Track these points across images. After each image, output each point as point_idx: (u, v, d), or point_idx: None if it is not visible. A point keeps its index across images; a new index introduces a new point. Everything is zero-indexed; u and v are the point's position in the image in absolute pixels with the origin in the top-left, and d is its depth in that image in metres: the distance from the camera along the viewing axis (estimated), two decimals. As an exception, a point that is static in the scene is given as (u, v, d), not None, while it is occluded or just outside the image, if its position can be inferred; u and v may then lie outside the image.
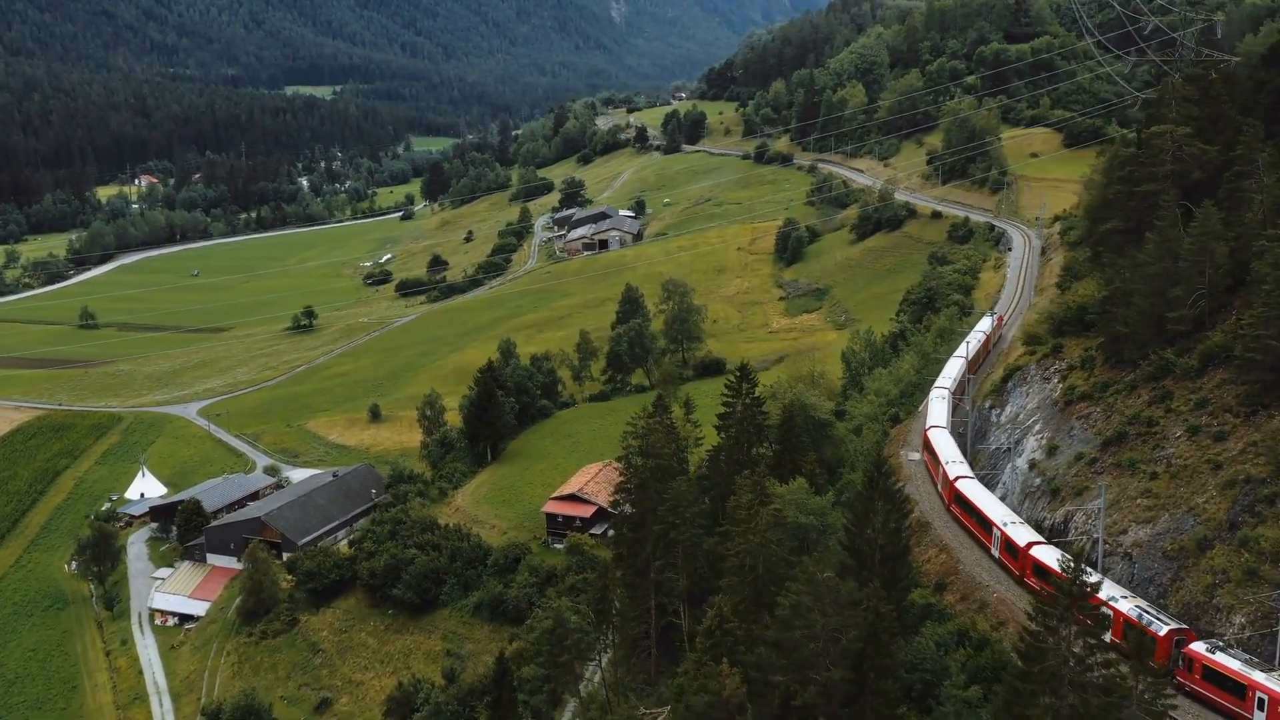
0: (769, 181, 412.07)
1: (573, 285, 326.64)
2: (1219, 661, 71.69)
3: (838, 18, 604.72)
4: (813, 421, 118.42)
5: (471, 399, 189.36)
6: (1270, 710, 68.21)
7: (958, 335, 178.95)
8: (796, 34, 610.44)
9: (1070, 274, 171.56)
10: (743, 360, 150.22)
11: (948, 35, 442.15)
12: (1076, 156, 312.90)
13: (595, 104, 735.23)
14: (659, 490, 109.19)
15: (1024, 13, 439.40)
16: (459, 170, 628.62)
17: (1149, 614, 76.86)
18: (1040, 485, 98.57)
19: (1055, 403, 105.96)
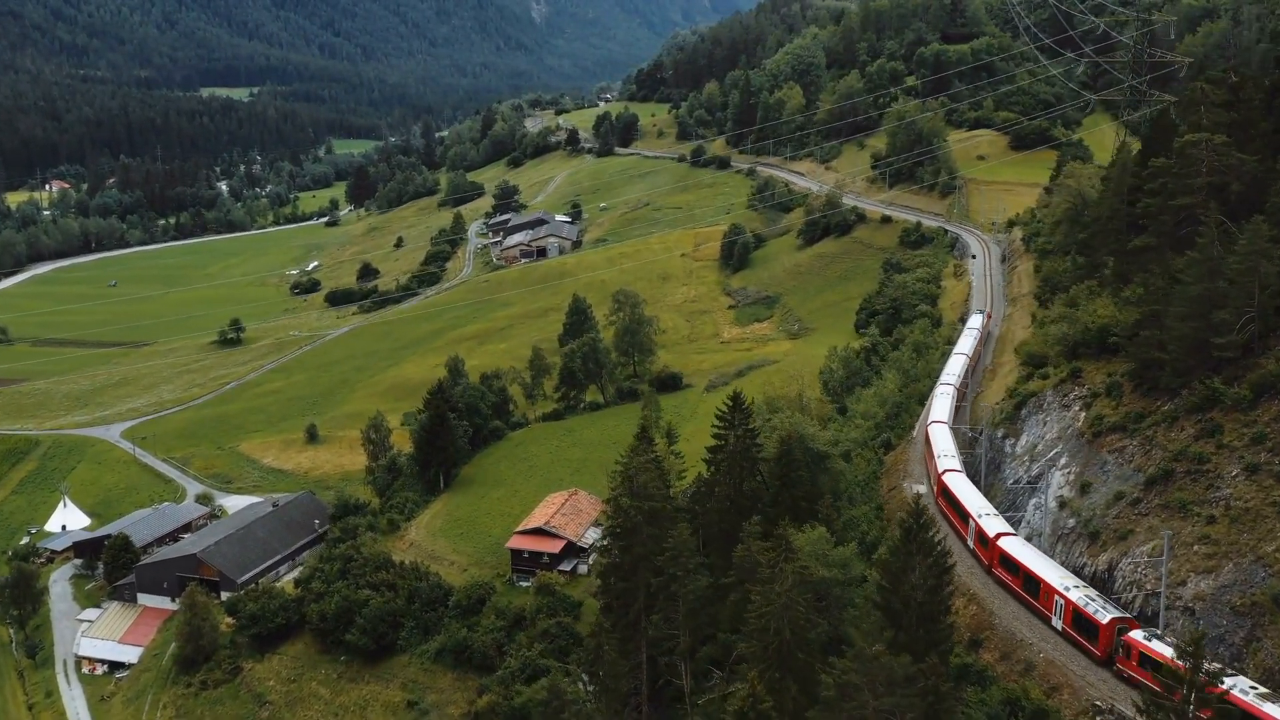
0: (708, 185, 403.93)
1: (512, 294, 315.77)
2: (1153, 648, 73.94)
3: (768, 18, 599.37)
4: (810, 454, 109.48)
5: (422, 424, 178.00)
6: None
7: (934, 349, 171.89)
8: (727, 35, 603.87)
9: (1050, 285, 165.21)
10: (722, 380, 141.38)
11: (884, 36, 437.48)
12: (1025, 159, 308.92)
13: (522, 106, 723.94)
14: (653, 536, 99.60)
15: (960, 13, 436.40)
16: (385, 174, 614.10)
17: (1095, 603, 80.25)
18: (1075, 527, 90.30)
19: (1080, 434, 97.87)
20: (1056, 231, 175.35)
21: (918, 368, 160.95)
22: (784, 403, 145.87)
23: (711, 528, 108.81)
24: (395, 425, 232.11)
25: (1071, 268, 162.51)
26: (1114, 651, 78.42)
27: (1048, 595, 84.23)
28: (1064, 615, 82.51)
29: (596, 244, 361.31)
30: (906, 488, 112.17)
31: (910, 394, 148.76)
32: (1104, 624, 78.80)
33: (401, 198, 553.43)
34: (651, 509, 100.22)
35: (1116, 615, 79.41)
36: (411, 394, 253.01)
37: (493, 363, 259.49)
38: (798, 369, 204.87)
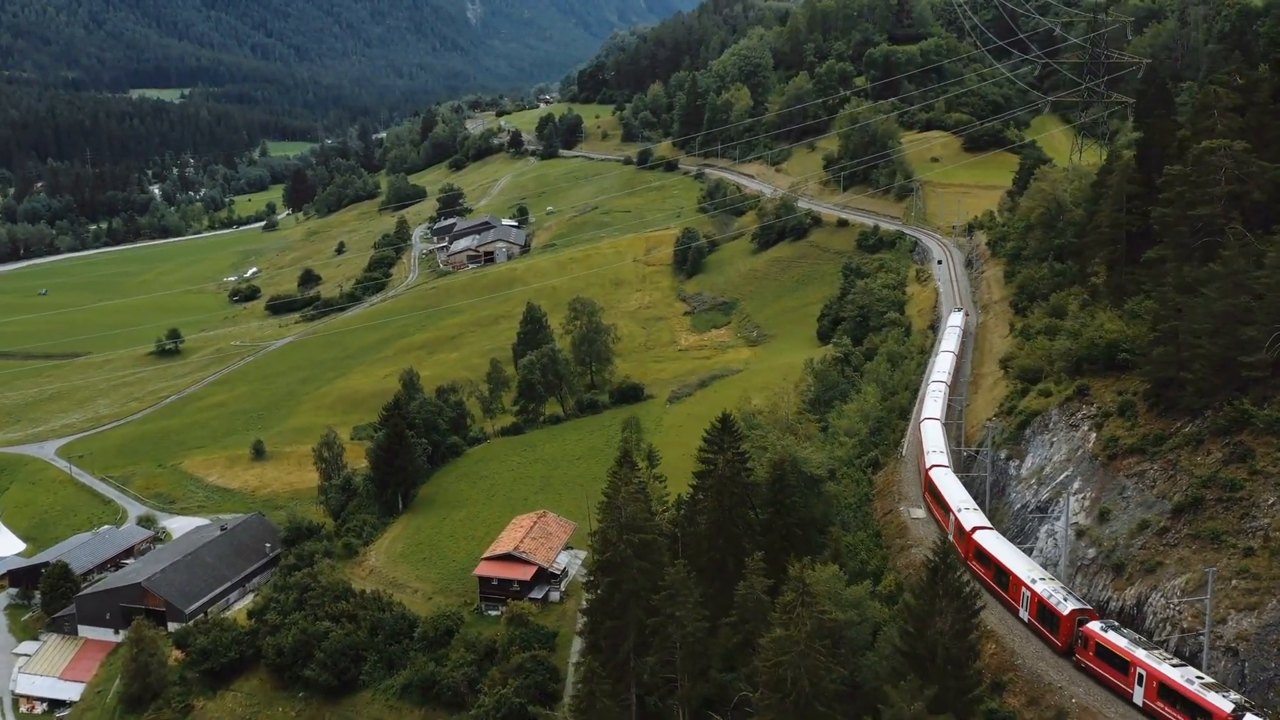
0: (656, 188, 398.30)
1: (461, 301, 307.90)
2: (1108, 639, 75.44)
3: (710, 19, 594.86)
4: (803, 478, 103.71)
5: (379, 443, 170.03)
6: (1146, 684, 71.70)
7: (909, 358, 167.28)
8: (669, 35, 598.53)
9: (1027, 293, 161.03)
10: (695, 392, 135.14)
11: (831, 37, 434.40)
12: (979, 161, 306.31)
13: (462, 107, 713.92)
14: (643, 571, 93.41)
15: (906, 14, 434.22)
16: (323, 177, 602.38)
17: (1058, 595, 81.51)
18: (1096, 558, 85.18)
19: (1093, 456, 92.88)
20: (1031, 237, 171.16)
21: (895, 379, 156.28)
22: (762, 418, 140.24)
23: (701, 557, 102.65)
24: (346, 439, 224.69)
25: (1049, 274, 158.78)
26: (1074, 643, 79.34)
27: (1016, 587, 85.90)
28: (1030, 607, 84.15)
29: (545, 249, 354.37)
30: (903, 512, 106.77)
31: (891, 407, 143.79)
32: (1064, 615, 79.86)
33: (341, 201, 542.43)
34: (642, 541, 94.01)
35: (1077, 607, 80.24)
36: (360, 406, 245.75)
37: (445, 373, 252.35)
38: (763, 379, 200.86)
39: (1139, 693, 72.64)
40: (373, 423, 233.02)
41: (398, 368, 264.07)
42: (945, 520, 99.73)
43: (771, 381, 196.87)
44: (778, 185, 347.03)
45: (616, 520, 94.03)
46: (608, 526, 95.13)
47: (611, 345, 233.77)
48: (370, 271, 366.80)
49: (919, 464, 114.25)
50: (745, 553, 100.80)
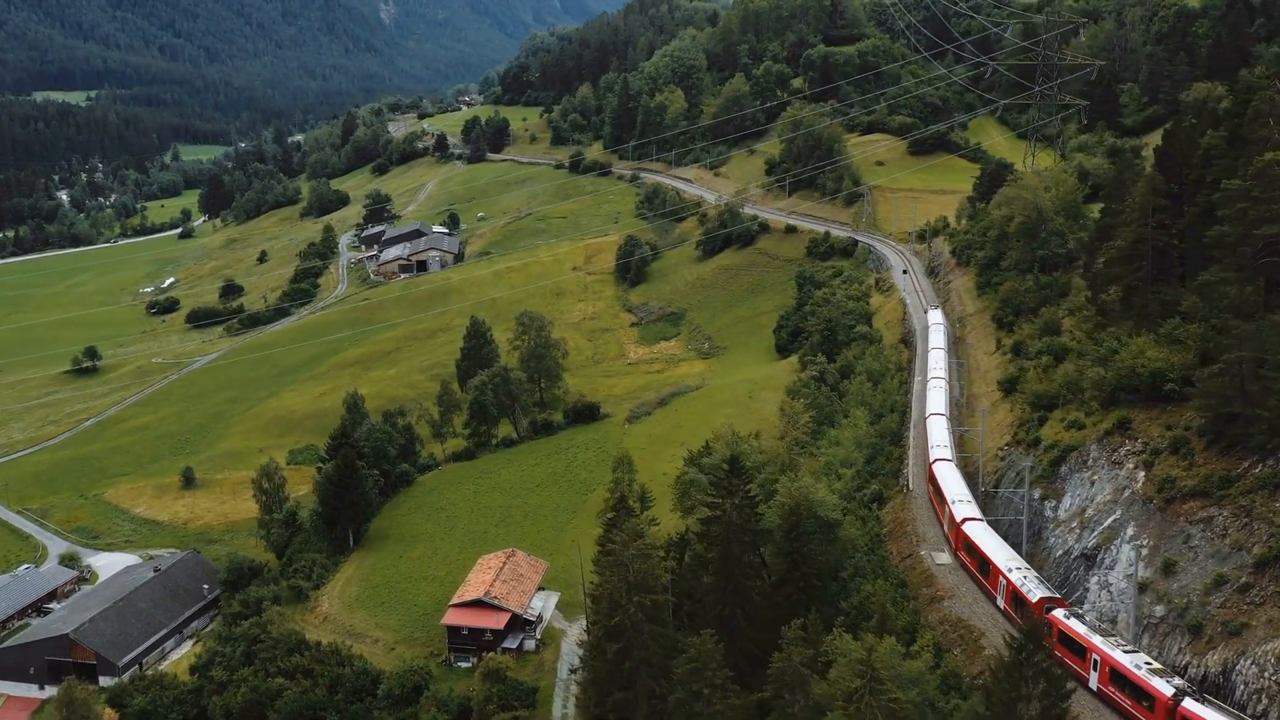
0: (589, 193, 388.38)
1: (395, 313, 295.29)
2: (1070, 626, 77.55)
3: (636, 19, 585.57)
4: (819, 523, 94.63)
5: (328, 476, 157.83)
6: (1101, 670, 74.00)
7: (889, 375, 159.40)
8: (595, 36, 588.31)
9: (1011, 307, 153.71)
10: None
11: (764, 38, 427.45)
12: (925, 165, 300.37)
13: (382, 109, 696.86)
14: (655, 637, 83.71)
15: (840, 15, 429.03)
16: (241, 182, 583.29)
17: (1030, 582, 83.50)
18: (1168, 616, 76.93)
19: (1147, 498, 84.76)
20: (1012, 247, 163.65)
21: (878, 399, 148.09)
22: (747, 445, 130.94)
23: (709, 613, 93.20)
24: (282, 462, 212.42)
25: (1035, 288, 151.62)
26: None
27: (994, 576, 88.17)
28: (1005, 595, 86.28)
29: (480, 257, 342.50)
30: (926, 557, 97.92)
31: (882, 431, 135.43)
32: (1033, 602, 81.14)
33: (261, 208, 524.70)
34: (653, 603, 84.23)
35: (1046, 594, 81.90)
36: (296, 427, 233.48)
37: (383, 391, 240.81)
38: (725, 396, 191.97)
39: (1094, 678, 75.00)
40: (311, 444, 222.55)
41: (333, 386, 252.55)
42: (942, 512, 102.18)
43: (735, 398, 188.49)
44: (718, 190, 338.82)
45: (624, 579, 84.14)
46: (614, 587, 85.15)
47: (561, 361, 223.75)
48: (297, 282, 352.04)
49: (924, 457, 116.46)
50: (755, 606, 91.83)
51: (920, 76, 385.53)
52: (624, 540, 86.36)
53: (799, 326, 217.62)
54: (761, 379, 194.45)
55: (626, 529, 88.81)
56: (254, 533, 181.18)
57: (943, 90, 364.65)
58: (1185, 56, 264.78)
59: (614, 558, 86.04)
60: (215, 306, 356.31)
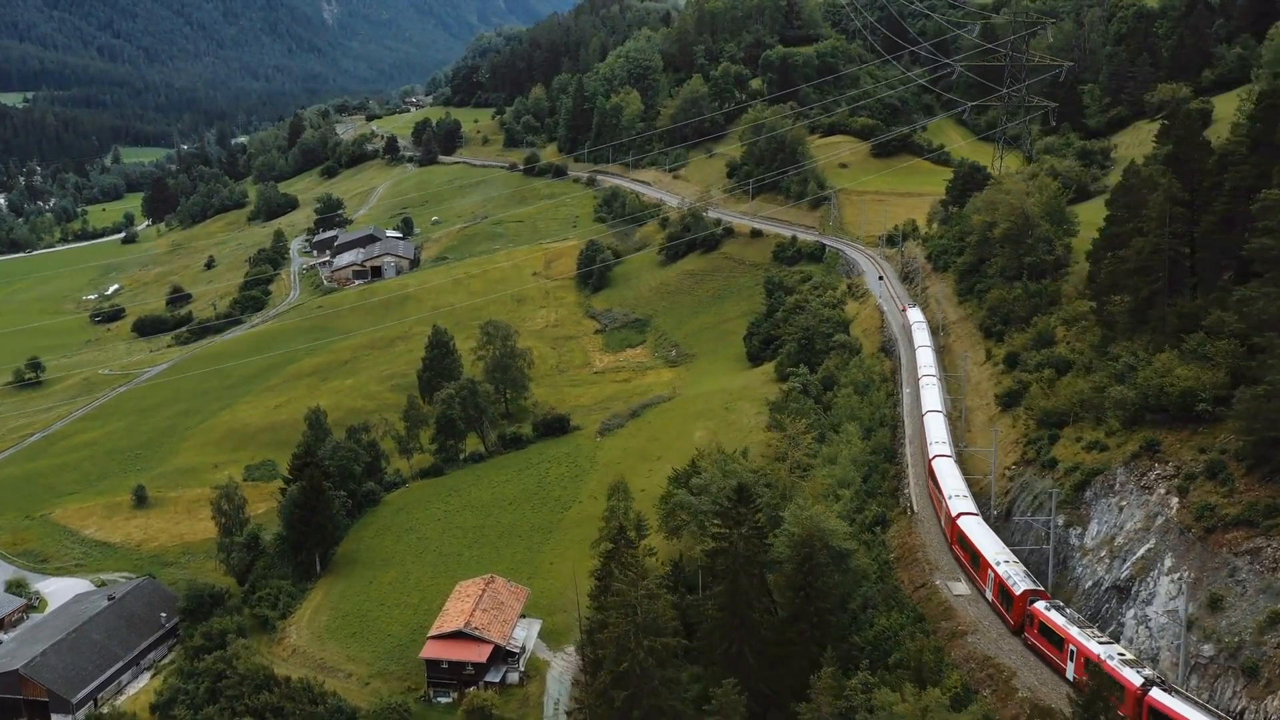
0: (546, 196, 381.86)
1: (351, 321, 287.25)
2: (1049, 618, 79.63)
3: (588, 20, 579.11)
4: (831, 553, 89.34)
5: (294, 499, 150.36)
6: (1076, 660, 75.97)
7: (874, 385, 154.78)
8: (545, 37, 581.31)
9: (999, 315, 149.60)
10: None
11: (720, 38, 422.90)
12: (888, 167, 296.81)
13: (329, 111, 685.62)
14: (666, 683, 78.06)
15: (796, 15, 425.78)
16: (185, 186, 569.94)
17: (1015, 576, 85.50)
18: (1218, 656, 72.23)
19: (1184, 527, 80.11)
20: (998, 253, 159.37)
21: (866, 413, 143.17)
22: (738, 465, 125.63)
23: (714, 650, 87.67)
24: (237, 477, 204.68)
25: (1024, 295, 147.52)
26: (1025, 621, 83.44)
27: (984, 569, 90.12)
28: (993, 587, 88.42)
29: (436, 262, 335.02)
30: (941, 587, 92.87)
31: (876, 447, 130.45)
32: (1016, 595, 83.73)
33: (206, 212, 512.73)
34: (664, 646, 78.54)
35: (1030, 587, 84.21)
36: (251, 441, 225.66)
37: (341, 402, 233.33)
38: (698, 407, 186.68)
39: (1070, 668, 77.18)
40: (268, 459, 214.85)
41: (289, 397, 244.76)
42: (940, 507, 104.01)
43: (710, 410, 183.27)
44: (678, 193, 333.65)
45: (632, 621, 78.28)
46: (622, 631, 79.27)
47: (527, 371, 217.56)
48: (247, 289, 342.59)
49: (923, 454, 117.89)
50: (764, 643, 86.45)
51: (878, 78, 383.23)
52: (631, 579, 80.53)
53: (771, 334, 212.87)
54: (736, 389, 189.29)
55: (632, 566, 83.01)
56: (212, 555, 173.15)
57: (901, 91, 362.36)
58: (1149, 58, 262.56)
59: (621, 598, 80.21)
60: (162, 315, 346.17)
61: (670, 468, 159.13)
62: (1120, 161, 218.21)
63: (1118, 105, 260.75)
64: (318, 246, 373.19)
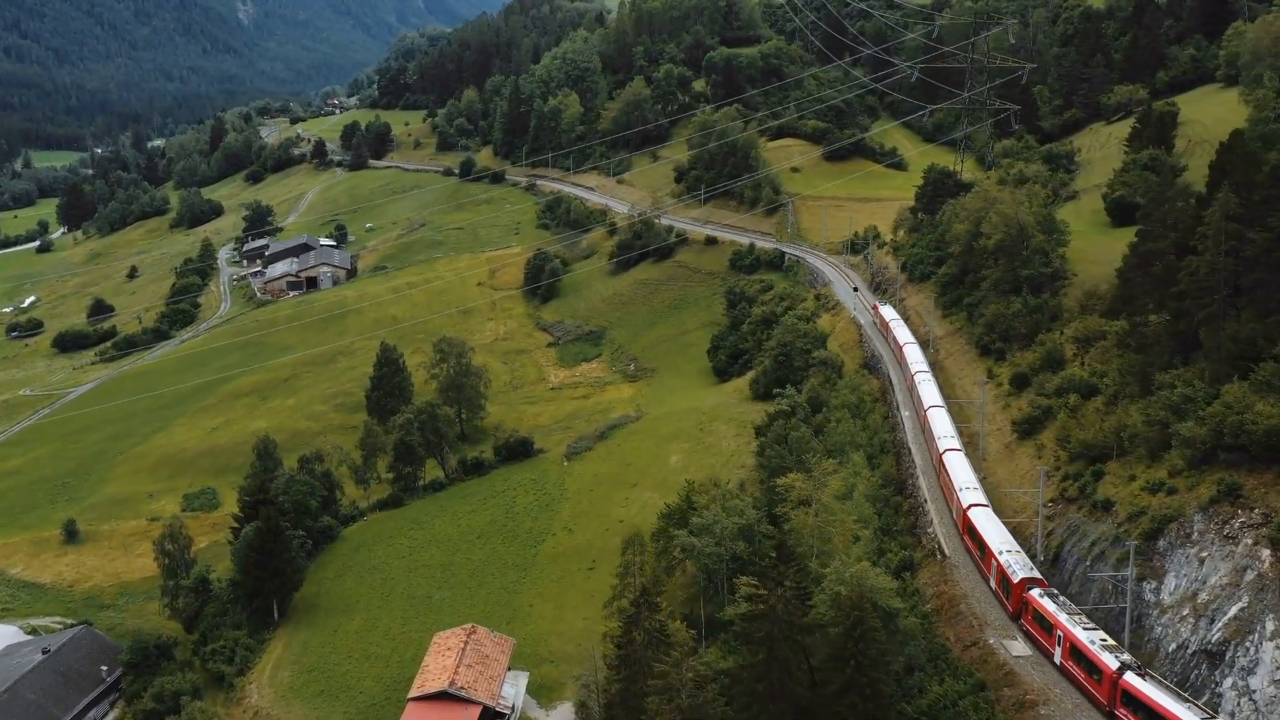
0: (484, 202, 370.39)
1: (289, 336, 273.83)
2: (1042, 605, 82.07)
3: (518, 20, 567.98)
4: (878, 613, 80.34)
5: (249, 542, 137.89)
6: (1063, 645, 78.70)
7: (867, 407, 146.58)
8: (475, 38, 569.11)
9: (998, 333, 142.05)
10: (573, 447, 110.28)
11: (659, 39, 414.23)
12: (841, 171, 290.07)
13: (251, 114, 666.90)
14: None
15: (735, 16, 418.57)
16: (103, 192, 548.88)
17: (1015, 565, 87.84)
18: (1343, 736, 64.28)
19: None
20: (994, 266, 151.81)
21: (864, 438, 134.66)
22: (737, 500, 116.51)
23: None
24: (175, 509, 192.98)
25: (1024, 310, 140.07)
26: (1022, 608, 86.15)
27: (989, 558, 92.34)
28: (995, 575, 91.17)
29: (375, 272, 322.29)
30: (997, 647, 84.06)
31: (884, 478, 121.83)
32: (1015, 582, 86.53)
33: (126, 219, 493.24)
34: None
35: (1027, 575, 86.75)
36: (190, 467, 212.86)
37: (284, 424, 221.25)
38: (671, 428, 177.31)
39: (1058, 653, 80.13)
40: (208, 487, 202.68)
41: (226, 419, 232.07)
42: (951, 500, 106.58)
43: (684, 431, 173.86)
44: (623, 198, 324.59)
45: (676, 710, 68.55)
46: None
47: (483, 389, 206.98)
48: (175, 301, 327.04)
49: (928, 446, 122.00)
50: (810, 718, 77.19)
51: (822, 80, 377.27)
52: (675, 660, 70.82)
53: (739, 348, 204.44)
54: (709, 409, 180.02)
55: (670, 642, 73.21)
56: (153, 596, 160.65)
57: (846, 93, 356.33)
58: (1102, 59, 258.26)
59: (664, 681, 70.50)
60: (84, 329, 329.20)
61: (649, 496, 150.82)
62: (1085, 165, 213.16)
63: (1071, 108, 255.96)
64: (248, 256, 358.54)
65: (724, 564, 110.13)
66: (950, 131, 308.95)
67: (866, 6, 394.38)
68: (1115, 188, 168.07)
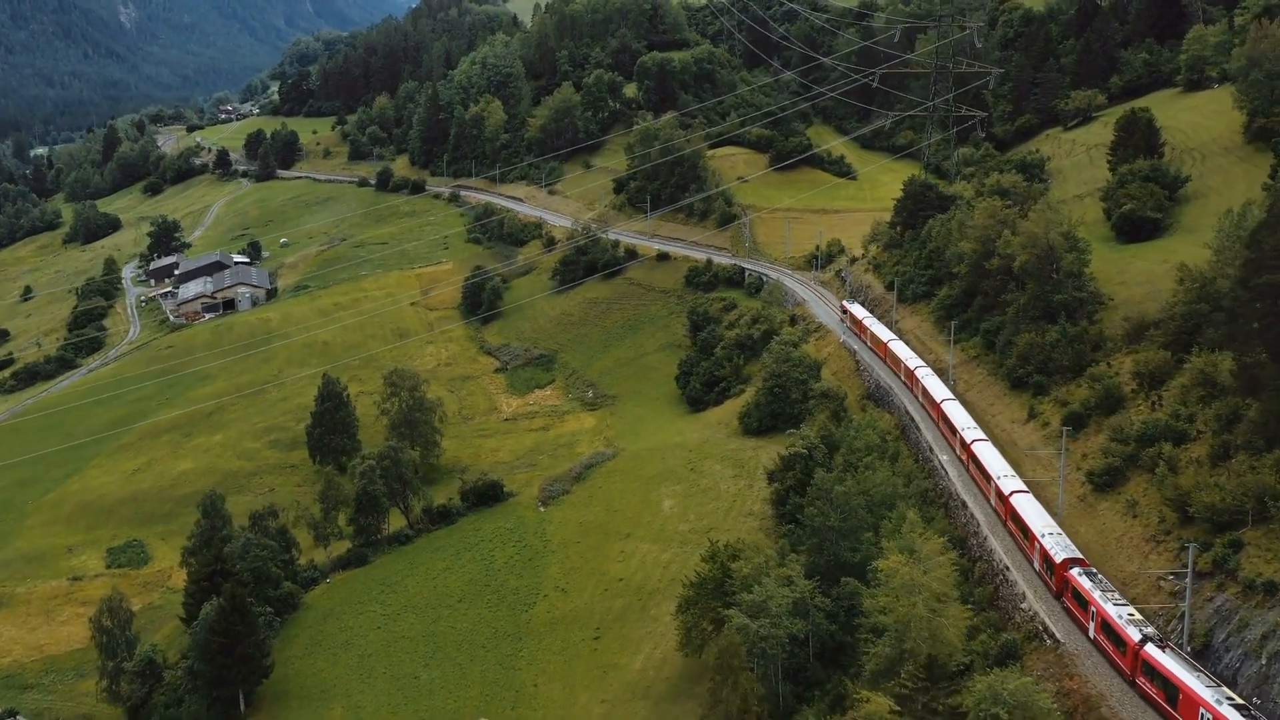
0: (406, 214, 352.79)
1: (210, 364, 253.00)
2: (1080, 583, 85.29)
3: (426, 24, 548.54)
4: None
5: (211, 624, 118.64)
6: (1095, 620, 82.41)
7: (888, 446, 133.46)
8: (382, 42, 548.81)
9: (1034, 364, 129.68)
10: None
11: (583, 43, 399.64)
12: (788, 181, 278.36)
13: (144, 122, 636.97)
14: None
15: (660, 19, 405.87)
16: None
17: (1057, 546, 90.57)
18: None
19: None
20: (1023, 290, 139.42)
21: (897, 485, 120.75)
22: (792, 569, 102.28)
23: None
24: (99, 565, 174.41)
25: (1062, 340, 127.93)
26: (1063, 587, 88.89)
27: (1031, 540, 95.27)
28: (1039, 556, 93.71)
29: (296, 291, 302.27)
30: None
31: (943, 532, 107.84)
32: (1057, 562, 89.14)
33: (15, 234, 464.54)
34: None
35: (1069, 555, 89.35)
36: (111, 516, 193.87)
37: (214, 464, 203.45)
38: (658, 467, 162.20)
39: (1091, 628, 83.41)
40: (134, 539, 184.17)
41: (148, 459, 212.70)
42: (987, 487, 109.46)
43: (671, 471, 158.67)
44: (558, 210, 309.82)
45: None
46: None
47: (439, 425, 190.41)
48: (79, 325, 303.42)
49: (949, 439, 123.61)
50: None
51: (751, 83, 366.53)
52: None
53: (715, 375, 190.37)
54: (695, 445, 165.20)
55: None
56: (84, 672, 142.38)
57: (783, 100, 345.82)
58: (1055, 63, 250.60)
59: None
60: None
61: (647, 549, 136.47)
62: (1056, 175, 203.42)
63: (1023, 114, 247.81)
64: (156, 275, 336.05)
65: (782, 648, 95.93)
66: (891, 138, 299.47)
67: (797, 7, 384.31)
68: (1122, 201, 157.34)
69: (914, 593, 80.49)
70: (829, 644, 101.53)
